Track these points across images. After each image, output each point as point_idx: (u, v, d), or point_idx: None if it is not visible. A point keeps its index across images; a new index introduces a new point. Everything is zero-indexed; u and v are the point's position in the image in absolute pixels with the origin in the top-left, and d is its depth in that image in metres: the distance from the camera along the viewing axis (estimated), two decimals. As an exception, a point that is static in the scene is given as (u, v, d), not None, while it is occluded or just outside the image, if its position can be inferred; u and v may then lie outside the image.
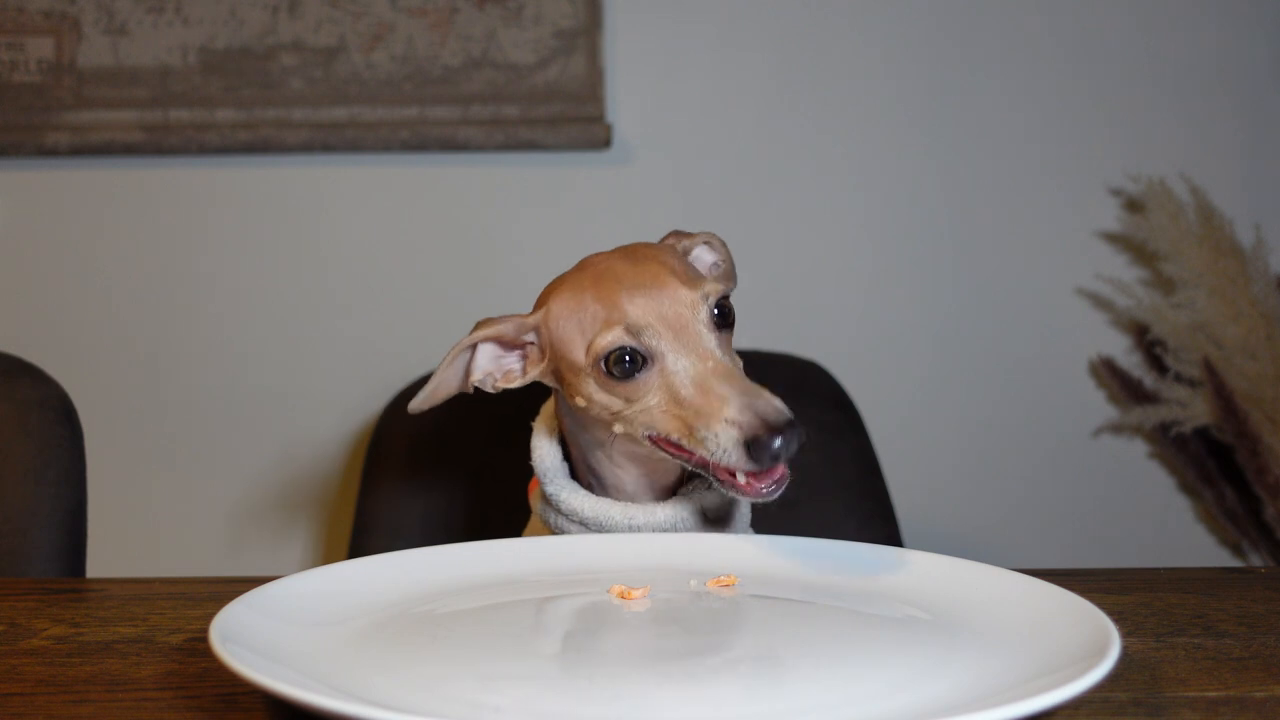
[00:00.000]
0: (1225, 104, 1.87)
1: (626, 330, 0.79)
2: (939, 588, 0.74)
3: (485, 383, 0.87)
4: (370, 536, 1.42)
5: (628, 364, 0.79)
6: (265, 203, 1.85)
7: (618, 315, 0.79)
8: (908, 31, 1.86)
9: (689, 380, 0.77)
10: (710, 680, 0.61)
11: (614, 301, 0.80)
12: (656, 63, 1.86)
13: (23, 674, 0.65)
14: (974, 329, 1.89)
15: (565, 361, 0.83)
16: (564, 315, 0.83)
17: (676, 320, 0.79)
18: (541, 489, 0.91)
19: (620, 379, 0.79)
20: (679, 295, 0.80)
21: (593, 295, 0.81)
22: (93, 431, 1.24)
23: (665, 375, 0.78)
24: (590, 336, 0.80)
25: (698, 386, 0.77)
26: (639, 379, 0.79)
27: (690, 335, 0.79)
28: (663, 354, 0.78)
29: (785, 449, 0.73)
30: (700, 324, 0.79)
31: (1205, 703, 0.59)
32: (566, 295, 0.83)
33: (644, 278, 0.81)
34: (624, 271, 0.81)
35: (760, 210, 1.87)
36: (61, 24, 1.81)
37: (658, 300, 0.79)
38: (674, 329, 0.79)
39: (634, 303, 0.79)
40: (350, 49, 1.81)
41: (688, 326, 0.79)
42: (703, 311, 0.80)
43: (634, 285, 0.80)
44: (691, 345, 0.78)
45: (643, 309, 0.79)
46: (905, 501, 1.53)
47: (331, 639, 0.65)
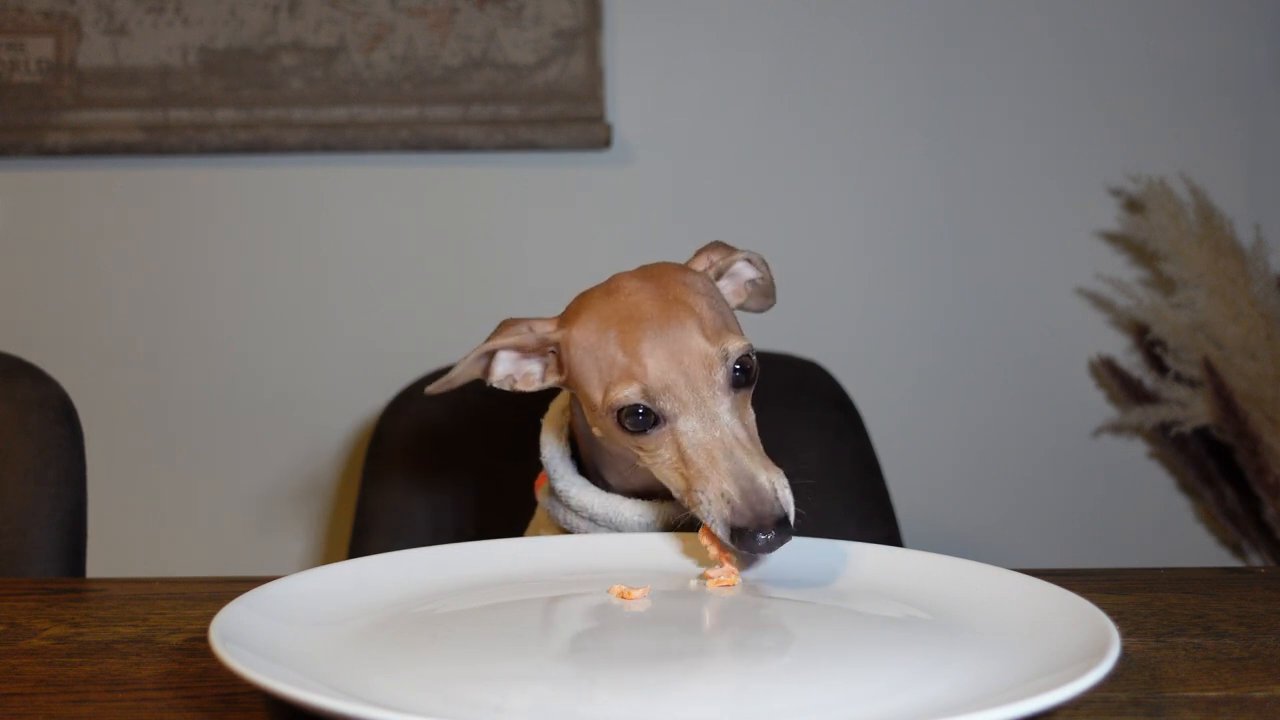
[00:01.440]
0: (1225, 104, 1.87)
1: (643, 391, 0.78)
2: (939, 588, 0.74)
3: (504, 384, 0.87)
4: (370, 536, 1.42)
5: (640, 419, 0.79)
6: (265, 203, 1.85)
7: (638, 370, 0.79)
8: (908, 31, 1.86)
9: (696, 444, 0.78)
10: (710, 680, 0.61)
11: (635, 352, 0.79)
12: (656, 63, 1.86)
13: (23, 674, 0.65)
14: (974, 329, 1.89)
15: (582, 393, 0.83)
16: (584, 347, 0.82)
17: (693, 380, 0.79)
18: (550, 484, 0.91)
19: (633, 432, 0.79)
20: (700, 352, 0.79)
21: (616, 336, 0.80)
22: (93, 431, 1.24)
23: (675, 435, 0.79)
24: (607, 382, 0.80)
25: (703, 452, 0.77)
26: (651, 434, 0.79)
27: (704, 398, 0.78)
28: (674, 416, 0.78)
29: (769, 546, 0.73)
30: (717, 386, 0.79)
31: (1205, 703, 0.59)
32: (591, 327, 0.82)
33: (669, 326, 0.80)
34: (650, 314, 0.80)
35: (760, 210, 1.87)
36: (61, 24, 1.81)
37: (678, 357, 0.79)
38: (690, 387, 0.78)
39: (654, 357, 0.79)
40: (350, 49, 1.81)
41: (702, 389, 0.79)
42: (720, 372, 0.79)
43: (657, 335, 0.79)
44: (704, 410, 0.78)
45: (662, 367, 0.79)
46: (905, 501, 1.53)
47: (331, 639, 0.65)
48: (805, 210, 1.87)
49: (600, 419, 0.82)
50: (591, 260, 1.83)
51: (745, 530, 0.73)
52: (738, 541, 0.74)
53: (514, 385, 0.87)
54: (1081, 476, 1.89)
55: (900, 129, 1.87)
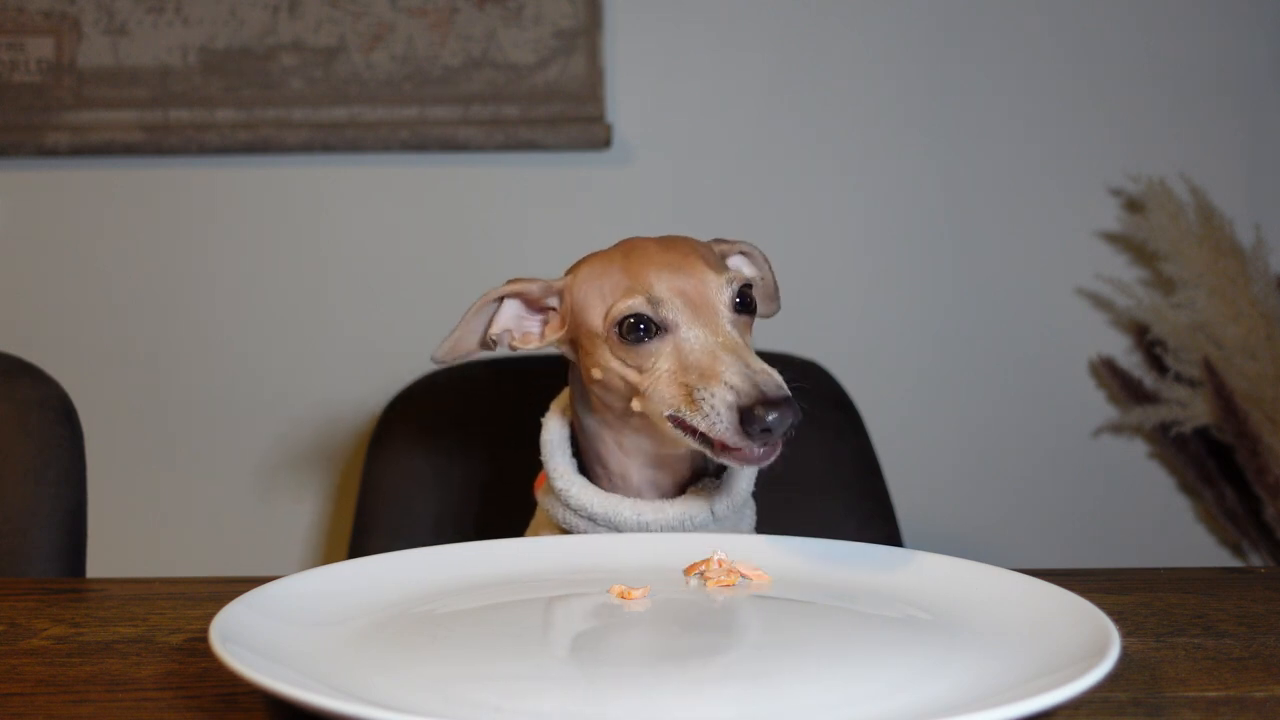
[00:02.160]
0: (1225, 104, 1.87)
1: (647, 300, 0.81)
2: (939, 588, 0.74)
3: (503, 339, 0.90)
4: (370, 536, 1.42)
5: (640, 330, 0.81)
6: (265, 203, 1.85)
7: (641, 285, 0.82)
8: (907, 31, 1.86)
9: (699, 348, 0.79)
10: (710, 680, 0.61)
11: (639, 273, 0.83)
12: (656, 63, 1.86)
13: (23, 674, 0.65)
14: (974, 329, 1.89)
15: (584, 329, 0.85)
16: (588, 281, 0.86)
17: (698, 297, 0.81)
18: (550, 483, 0.92)
19: (632, 344, 0.81)
20: (704, 276, 0.82)
21: (620, 266, 0.84)
22: (93, 431, 1.24)
23: (678, 344, 0.80)
24: (610, 302, 0.83)
25: (706, 354, 0.79)
26: (649, 345, 0.81)
27: (708, 311, 0.81)
28: (677, 325, 0.80)
29: (778, 425, 0.74)
30: (721, 303, 0.82)
31: (1205, 703, 0.59)
32: (595, 264, 0.87)
33: (673, 257, 0.83)
34: (654, 251, 0.84)
35: (760, 210, 1.87)
36: (61, 24, 1.81)
37: (682, 277, 0.82)
38: (694, 304, 0.81)
39: (659, 276, 0.82)
40: (350, 49, 1.81)
41: (708, 303, 0.81)
42: (725, 293, 0.82)
43: (662, 262, 0.83)
44: (707, 320, 0.80)
45: (667, 283, 0.82)
46: (905, 501, 1.53)
47: (331, 639, 0.65)
48: (805, 210, 1.87)
49: (602, 349, 0.83)
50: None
51: (753, 411, 0.74)
52: (746, 427, 0.74)
53: (512, 342, 0.90)
54: (1081, 476, 1.89)
55: (900, 129, 1.87)
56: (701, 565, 0.79)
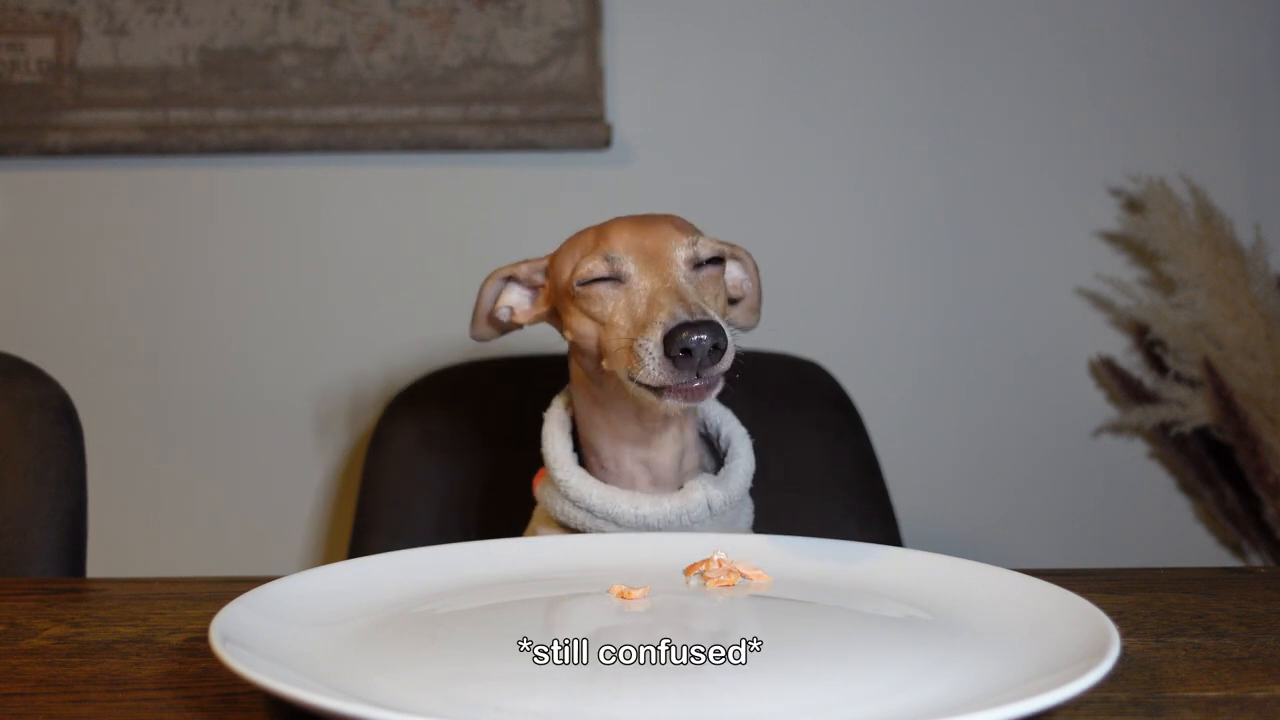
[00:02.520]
0: (1225, 104, 1.87)
1: (605, 258, 0.86)
2: (939, 588, 0.74)
3: (503, 314, 0.97)
4: (370, 536, 1.42)
5: (599, 280, 0.86)
6: (265, 203, 1.85)
7: (604, 245, 0.87)
8: (907, 31, 1.86)
9: (645, 297, 0.83)
10: (710, 680, 0.61)
11: (604, 235, 0.88)
12: (656, 63, 1.86)
13: (23, 674, 0.65)
14: (974, 329, 1.89)
15: (559, 293, 0.91)
16: (565, 250, 0.92)
17: (654, 250, 0.85)
18: (550, 475, 0.92)
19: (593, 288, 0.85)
20: (666, 235, 0.87)
21: (593, 233, 0.90)
22: (93, 431, 1.24)
23: (629, 296, 0.84)
24: (577, 262, 0.88)
25: (649, 302, 0.82)
26: (601, 288, 0.85)
27: (662, 262, 0.84)
28: (630, 275, 0.85)
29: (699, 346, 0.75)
30: (677, 257, 0.85)
31: (1205, 703, 0.59)
32: (574, 236, 0.93)
33: (643, 223, 0.89)
34: (627, 220, 0.90)
35: (760, 210, 1.87)
36: (61, 24, 1.81)
37: (642, 235, 0.87)
38: (649, 256, 0.85)
39: (621, 237, 0.87)
40: (350, 49, 1.81)
41: (662, 255, 0.85)
42: (683, 248, 0.86)
43: (627, 226, 0.88)
44: (659, 270, 0.84)
45: (626, 241, 0.86)
46: (905, 501, 1.53)
47: (331, 639, 0.65)
48: (805, 210, 1.87)
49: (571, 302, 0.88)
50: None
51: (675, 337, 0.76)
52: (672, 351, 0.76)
53: (512, 316, 0.96)
54: (1081, 476, 1.89)
55: (900, 129, 1.87)
56: (701, 565, 0.79)
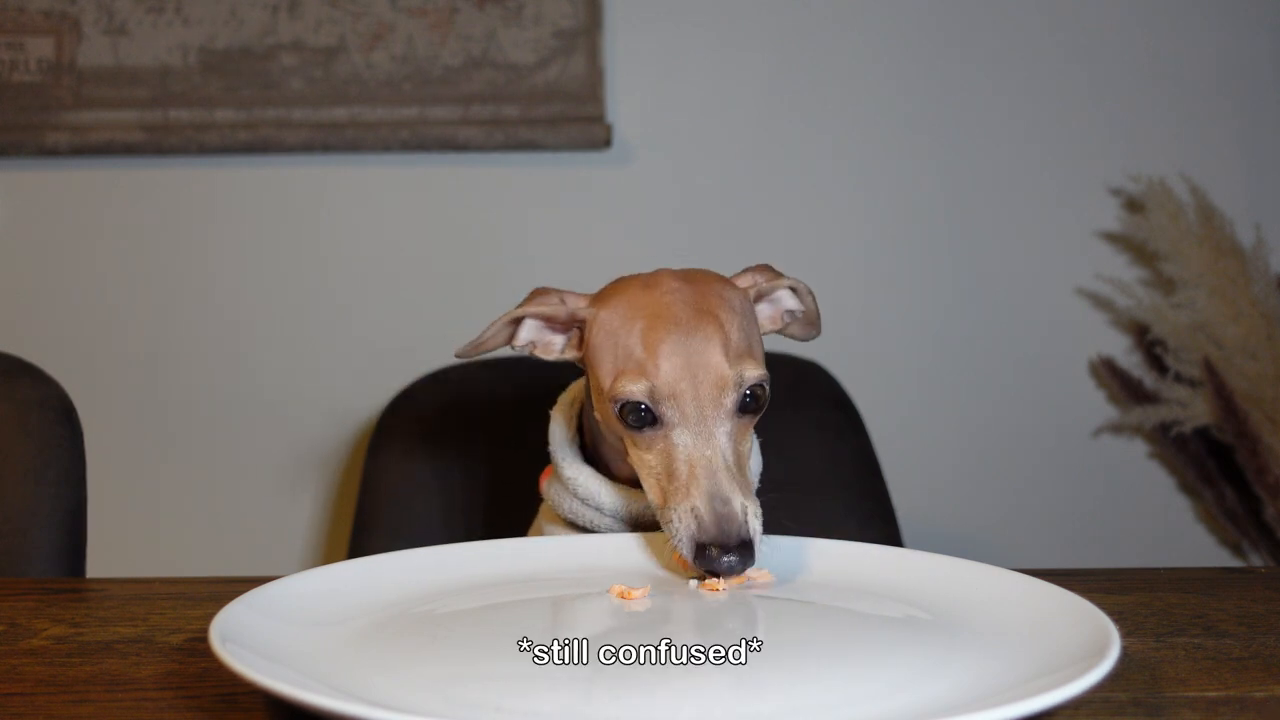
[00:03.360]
0: (1225, 104, 1.87)
1: (650, 391, 0.79)
2: (939, 588, 0.74)
3: (524, 348, 0.89)
4: (370, 536, 1.42)
5: (640, 415, 0.79)
6: (265, 203, 1.85)
7: (651, 369, 0.79)
8: (907, 31, 1.86)
9: (684, 458, 0.78)
10: (710, 680, 0.61)
11: (654, 350, 0.79)
12: (656, 63, 1.86)
13: (23, 674, 0.65)
14: (974, 329, 1.89)
15: (594, 374, 0.84)
16: (607, 331, 0.83)
17: (701, 396, 0.79)
18: (558, 473, 0.92)
19: (631, 428, 0.80)
20: (716, 371, 0.79)
21: (641, 330, 0.81)
22: (93, 431, 1.24)
23: (668, 443, 0.79)
24: (619, 371, 0.81)
25: (688, 466, 0.78)
26: (646, 434, 0.80)
27: (706, 416, 0.79)
28: (673, 424, 0.79)
29: (729, 570, 0.74)
30: (723, 409, 0.79)
31: (1205, 703, 0.59)
32: (619, 312, 0.83)
33: (693, 336, 0.80)
34: (679, 317, 0.81)
35: (760, 210, 1.87)
36: (61, 24, 1.81)
37: (693, 368, 0.79)
38: (696, 401, 0.79)
39: (670, 361, 0.79)
40: (350, 49, 1.81)
41: (706, 406, 0.79)
42: (730, 396, 0.79)
43: (679, 340, 0.80)
44: (702, 426, 0.79)
45: (675, 373, 0.79)
46: (905, 501, 1.53)
47: (331, 639, 0.65)
48: (805, 210, 1.87)
49: (603, 405, 0.83)
50: (592, 260, 1.83)
51: (708, 548, 0.74)
52: (699, 560, 0.75)
53: (533, 351, 0.89)
54: (1081, 476, 1.89)
55: (900, 129, 1.87)
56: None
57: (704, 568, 0.75)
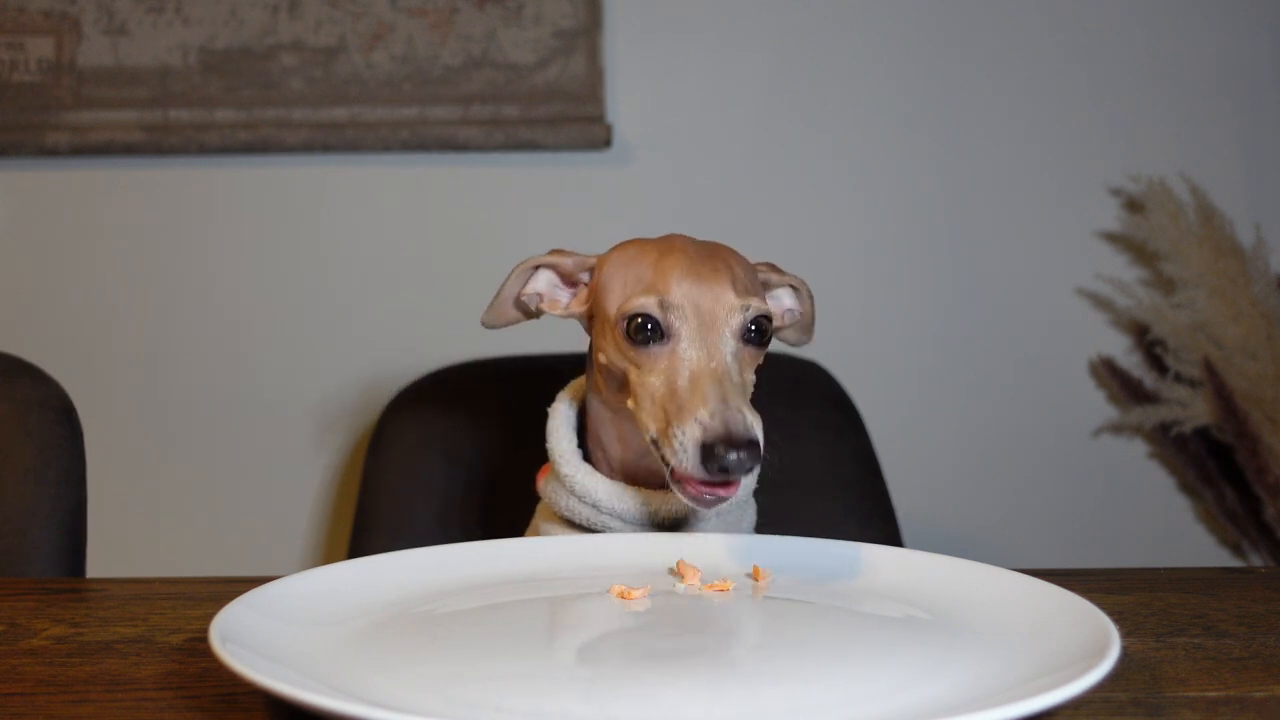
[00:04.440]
0: (1225, 104, 1.87)
1: (659, 303, 0.81)
2: (939, 588, 0.74)
3: (531, 300, 0.92)
4: (370, 536, 1.42)
5: (648, 331, 0.81)
6: (265, 203, 1.85)
7: (661, 286, 0.82)
8: (907, 31, 1.86)
9: (687, 370, 0.79)
10: (710, 680, 0.61)
11: (664, 273, 0.83)
12: (656, 63, 1.86)
13: (23, 674, 0.65)
14: (974, 329, 1.89)
15: (600, 309, 0.86)
16: (618, 265, 0.87)
17: (709, 314, 0.81)
18: (556, 470, 0.92)
19: (635, 344, 0.81)
20: (723, 295, 0.82)
21: (651, 261, 0.84)
22: (93, 431, 1.24)
23: (672, 360, 0.80)
24: (628, 293, 0.83)
25: (691, 380, 0.78)
26: (652, 350, 0.81)
27: (713, 333, 0.80)
28: (680, 337, 0.80)
29: (737, 466, 0.73)
30: (728, 328, 0.81)
31: (1205, 703, 0.59)
32: (630, 251, 0.87)
33: (703, 269, 0.83)
34: (690, 256, 0.84)
35: (760, 210, 1.87)
36: (61, 24, 1.81)
37: (702, 289, 0.82)
38: (703, 320, 0.80)
39: (680, 284, 0.82)
40: (350, 49, 1.81)
41: (715, 324, 0.81)
42: (736, 318, 0.81)
43: (690, 269, 0.83)
44: (708, 341, 0.80)
45: (685, 292, 0.81)
46: (905, 501, 1.53)
47: (331, 639, 0.65)
48: (805, 210, 1.87)
49: (610, 335, 0.84)
50: (591, 260, 1.83)
51: (714, 449, 0.74)
52: (707, 462, 0.74)
53: (539, 304, 0.92)
54: (1081, 476, 1.89)
55: (900, 128, 1.87)
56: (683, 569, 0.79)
57: (711, 471, 0.74)
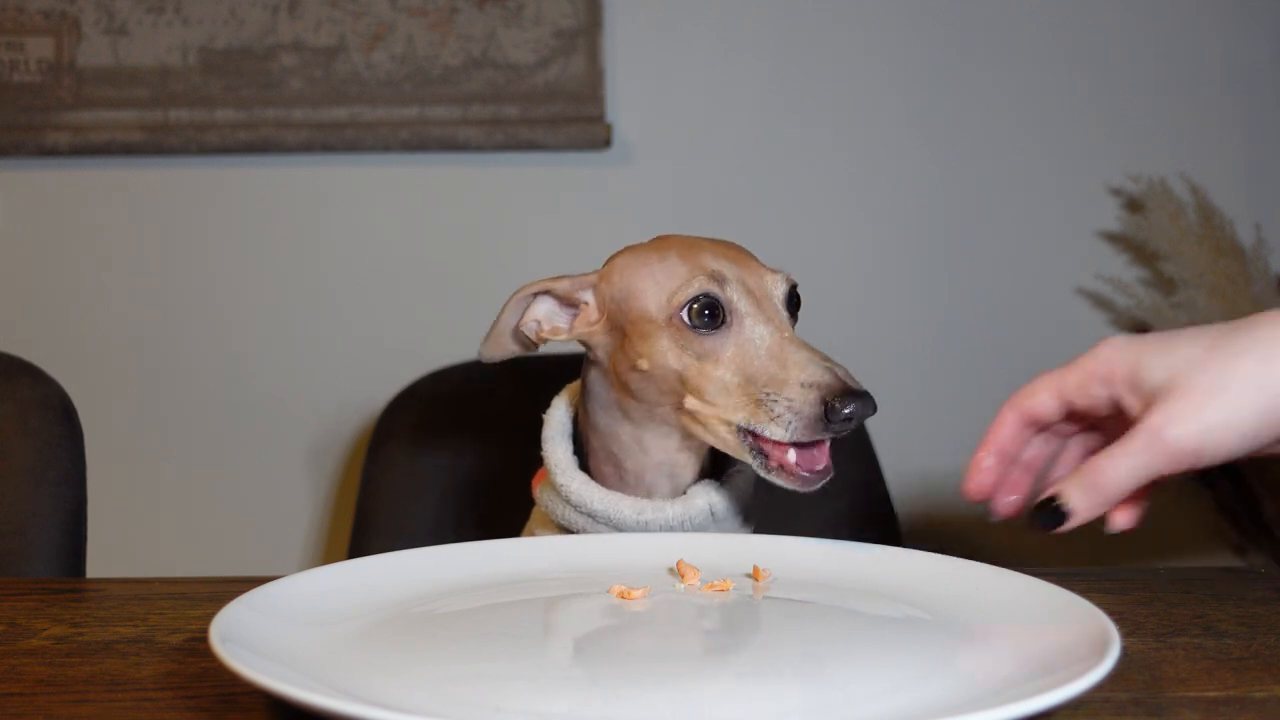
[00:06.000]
0: (1225, 104, 1.87)
1: (711, 278, 0.79)
2: (939, 588, 0.74)
3: (530, 329, 0.89)
4: (370, 536, 1.42)
5: (709, 315, 0.78)
6: (265, 203, 1.85)
7: (702, 267, 0.79)
8: (907, 31, 1.86)
9: (764, 350, 0.77)
10: (710, 680, 0.61)
11: (697, 258, 0.80)
12: (656, 63, 1.86)
13: (23, 674, 0.65)
14: (974, 329, 1.89)
15: (632, 316, 0.82)
16: (634, 268, 0.83)
17: (758, 289, 0.80)
18: (551, 479, 0.91)
19: (703, 331, 0.79)
20: (759, 270, 0.81)
21: (676, 253, 0.81)
22: (93, 431, 1.24)
23: (741, 342, 0.78)
24: (672, 286, 0.80)
25: (772, 356, 0.77)
26: (717, 336, 0.79)
27: (769, 306, 0.80)
28: (743, 315, 0.78)
29: (858, 414, 0.74)
30: (778, 297, 0.81)
31: (1205, 703, 0.59)
32: (640, 252, 0.84)
33: (728, 250, 0.82)
34: (707, 243, 0.83)
35: (760, 210, 1.87)
36: (61, 24, 1.81)
37: (741, 269, 0.80)
38: (755, 296, 0.79)
39: (719, 261, 0.80)
40: (350, 49, 1.81)
41: (768, 297, 0.80)
42: (780, 289, 0.81)
43: (721, 252, 0.81)
44: (770, 315, 0.79)
45: (730, 270, 0.80)
46: (905, 501, 1.53)
47: (331, 639, 0.65)
48: (805, 210, 1.87)
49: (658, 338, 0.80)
50: (591, 260, 1.83)
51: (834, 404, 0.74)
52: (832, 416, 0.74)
53: (539, 333, 0.88)
54: (1081, 476, 1.89)
55: (900, 128, 1.87)
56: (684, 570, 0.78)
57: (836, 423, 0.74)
